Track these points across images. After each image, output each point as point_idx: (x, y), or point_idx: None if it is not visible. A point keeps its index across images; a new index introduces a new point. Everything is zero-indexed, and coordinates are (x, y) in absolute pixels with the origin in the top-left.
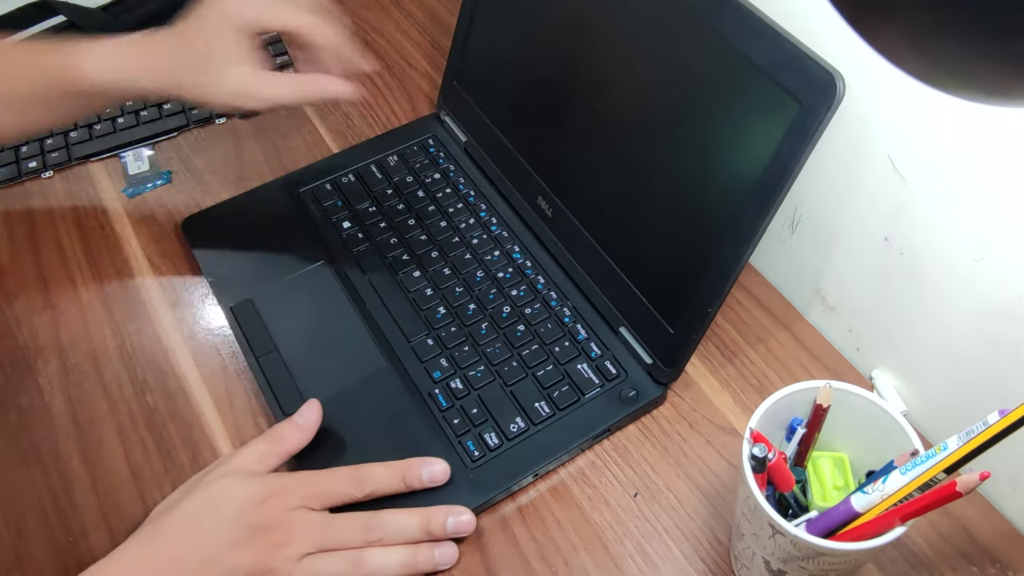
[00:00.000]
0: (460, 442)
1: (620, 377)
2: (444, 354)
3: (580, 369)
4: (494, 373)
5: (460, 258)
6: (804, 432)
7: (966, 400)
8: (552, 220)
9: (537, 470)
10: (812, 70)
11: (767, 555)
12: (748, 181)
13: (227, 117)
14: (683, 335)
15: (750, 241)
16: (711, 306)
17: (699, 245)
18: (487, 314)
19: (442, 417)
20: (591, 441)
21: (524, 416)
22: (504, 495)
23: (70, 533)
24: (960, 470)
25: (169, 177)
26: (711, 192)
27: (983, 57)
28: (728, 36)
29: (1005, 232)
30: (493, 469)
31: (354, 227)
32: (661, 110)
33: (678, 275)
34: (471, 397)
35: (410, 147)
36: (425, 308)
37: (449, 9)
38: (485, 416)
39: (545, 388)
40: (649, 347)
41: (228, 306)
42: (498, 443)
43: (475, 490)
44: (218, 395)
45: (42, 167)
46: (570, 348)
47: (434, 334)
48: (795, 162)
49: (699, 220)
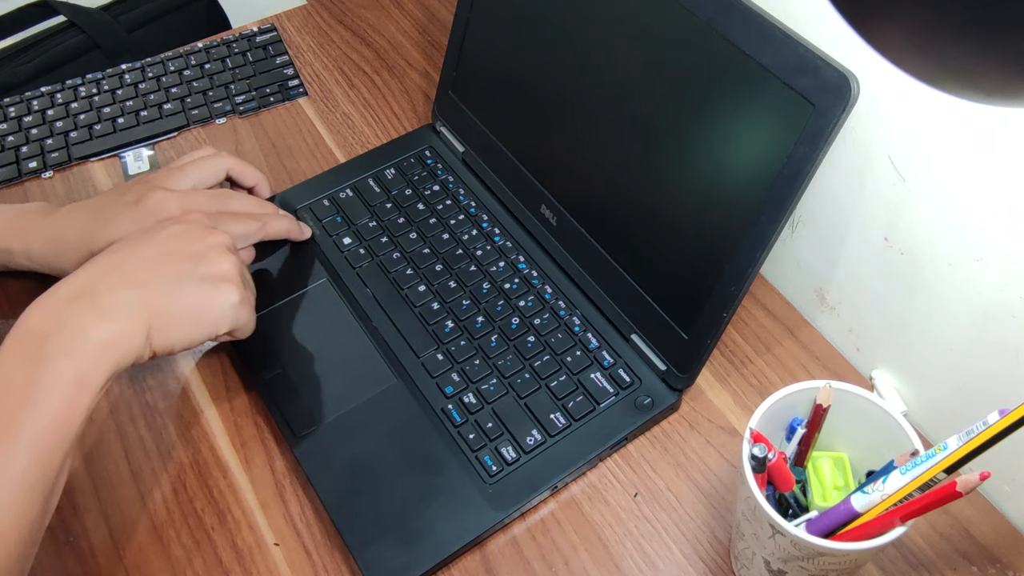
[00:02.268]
0: (477, 457)
1: (634, 385)
2: (455, 368)
3: (594, 378)
4: (507, 386)
5: (465, 270)
6: (804, 432)
7: (966, 400)
8: (557, 229)
9: (556, 482)
10: (825, 72)
11: (767, 555)
12: (762, 184)
13: (226, 117)
14: (697, 340)
15: (765, 245)
16: (725, 311)
17: (712, 250)
18: (496, 326)
19: (457, 433)
20: (609, 450)
21: (540, 428)
22: (525, 509)
23: (70, 533)
24: (960, 470)
25: None
26: (724, 196)
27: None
28: (738, 41)
29: (1005, 232)
30: (512, 483)
31: (355, 243)
32: (671, 116)
33: (691, 280)
34: (485, 411)
35: (407, 159)
36: (433, 322)
37: (449, 9)
38: (501, 430)
39: (559, 399)
40: (662, 353)
41: None
42: (515, 457)
43: (495, 506)
44: (218, 395)
45: (42, 167)
46: (582, 357)
47: (443, 348)
48: (810, 164)
49: (712, 225)
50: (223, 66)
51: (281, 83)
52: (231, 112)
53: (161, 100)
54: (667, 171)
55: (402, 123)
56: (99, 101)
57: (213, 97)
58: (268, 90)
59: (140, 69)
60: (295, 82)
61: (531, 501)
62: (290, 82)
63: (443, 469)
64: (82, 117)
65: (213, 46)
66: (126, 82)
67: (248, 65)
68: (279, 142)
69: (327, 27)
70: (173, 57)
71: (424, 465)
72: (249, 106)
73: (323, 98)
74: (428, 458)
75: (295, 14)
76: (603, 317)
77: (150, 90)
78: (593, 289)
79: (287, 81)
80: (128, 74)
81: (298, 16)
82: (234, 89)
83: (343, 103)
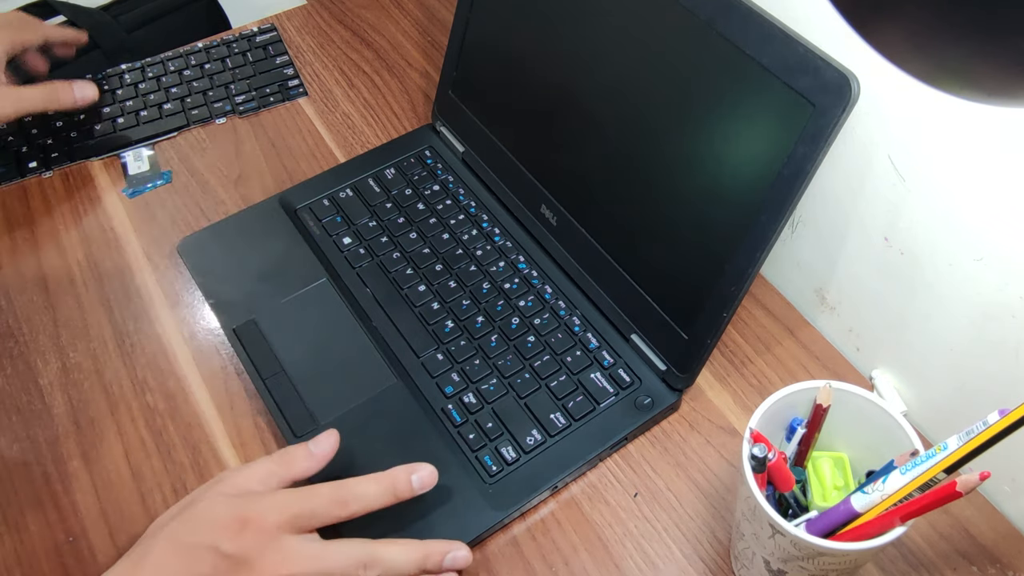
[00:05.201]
0: (477, 457)
1: (634, 385)
2: (455, 368)
3: (594, 378)
4: (507, 386)
5: (465, 270)
6: (804, 432)
7: (966, 400)
8: (557, 229)
9: (556, 482)
10: (825, 72)
11: (767, 555)
12: (762, 185)
13: (226, 117)
14: (697, 341)
15: (765, 245)
16: (725, 311)
17: (712, 250)
18: (496, 326)
19: (457, 433)
20: (609, 450)
21: (540, 428)
22: (526, 509)
23: (70, 533)
24: (960, 470)
25: (169, 177)
26: (724, 197)
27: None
28: (737, 40)
29: (1005, 232)
30: (512, 483)
31: (355, 243)
32: (670, 116)
33: (691, 281)
34: (485, 411)
35: (407, 159)
36: (432, 322)
37: (449, 9)
38: (501, 430)
39: (560, 399)
40: (663, 353)
41: (231, 328)
42: (515, 456)
43: (495, 506)
44: (218, 395)
45: (43, 167)
46: (582, 357)
47: (443, 348)
48: (810, 164)
49: (712, 225)
50: (223, 66)
51: (281, 83)
52: (231, 112)
53: (161, 100)
54: (667, 171)
55: (402, 123)
56: (99, 101)
57: (213, 97)
58: (268, 90)
59: (140, 69)
60: (295, 82)
61: (531, 501)
62: (290, 82)
63: (443, 469)
64: (82, 117)
65: (213, 46)
66: (126, 82)
67: (248, 65)
68: (279, 142)
69: (327, 27)
70: (173, 57)
71: None
72: (249, 106)
73: (323, 98)
74: (428, 458)
75: (295, 14)
76: (603, 317)
77: (150, 90)
78: (593, 289)
79: (287, 81)
80: (128, 74)
81: (298, 16)
82: (234, 89)
83: (343, 103)
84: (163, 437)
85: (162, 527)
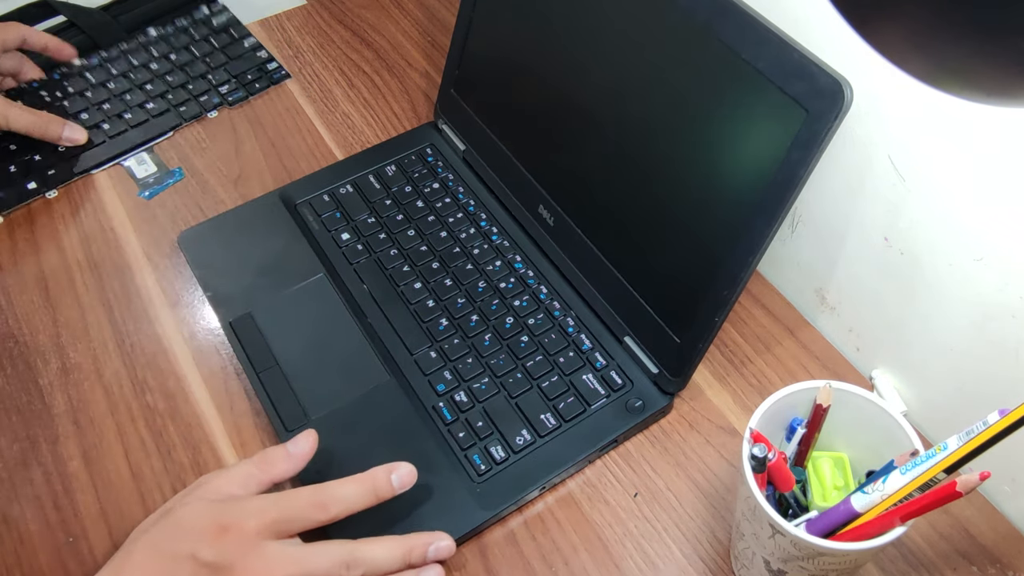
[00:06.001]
0: (466, 456)
1: (626, 387)
2: (447, 366)
3: (585, 380)
4: (499, 385)
5: (461, 269)
6: (804, 432)
7: (966, 400)
8: (554, 229)
9: (544, 483)
10: (819, 78)
11: (767, 555)
12: (755, 189)
13: (217, 110)
14: (689, 344)
15: (758, 250)
16: (718, 315)
17: (706, 254)
18: (490, 325)
19: (447, 431)
20: (598, 452)
21: (530, 428)
22: (512, 509)
23: (70, 533)
24: (960, 470)
25: (182, 173)
26: (717, 201)
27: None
28: (733, 44)
29: (1005, 232)
30: (500, 483)
31: (353, 239)
32: (666, 118)
33: (684, 284)
34: (476, 410)
35: (408, 156)
36: (427, 320)
37: (449, 9)
38: (491, 429)
39: (551, 399)
40: (655, 357)
41: (227, 321)
42: (504, 456)
43: (482, 505)
44: (218, 395)
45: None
46: (575, 358)
47: (437, 346)
48: (803, 170)
49: (705, 229)
50: (190, 55)
51: (260, 67)
52: (220, 104)
53: (140, 99)
54: (662, 174)
55: (402, 123)
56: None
57: (195, 91)
58: (250, 76)
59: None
60: (273, 64)
61: (518, 501)
62: (268, 65)
63: (432, 467)
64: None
65: (169, 34)
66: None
67: (218, 52)
68: (279, 142)
69: (327, 27)
70: (132, 50)
71: (413, 462)
72: (237, 95)
73: (323, 98)
74: (417, 455)
75: (295, 14)
76: (597, 318)
77: (122, 89)
78: (588, 290)
79: (265, 64)
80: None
81: (298, 16)
82: (214, 79)
83: (343, 103)
84: (163, 437)
85: (144, 532)
